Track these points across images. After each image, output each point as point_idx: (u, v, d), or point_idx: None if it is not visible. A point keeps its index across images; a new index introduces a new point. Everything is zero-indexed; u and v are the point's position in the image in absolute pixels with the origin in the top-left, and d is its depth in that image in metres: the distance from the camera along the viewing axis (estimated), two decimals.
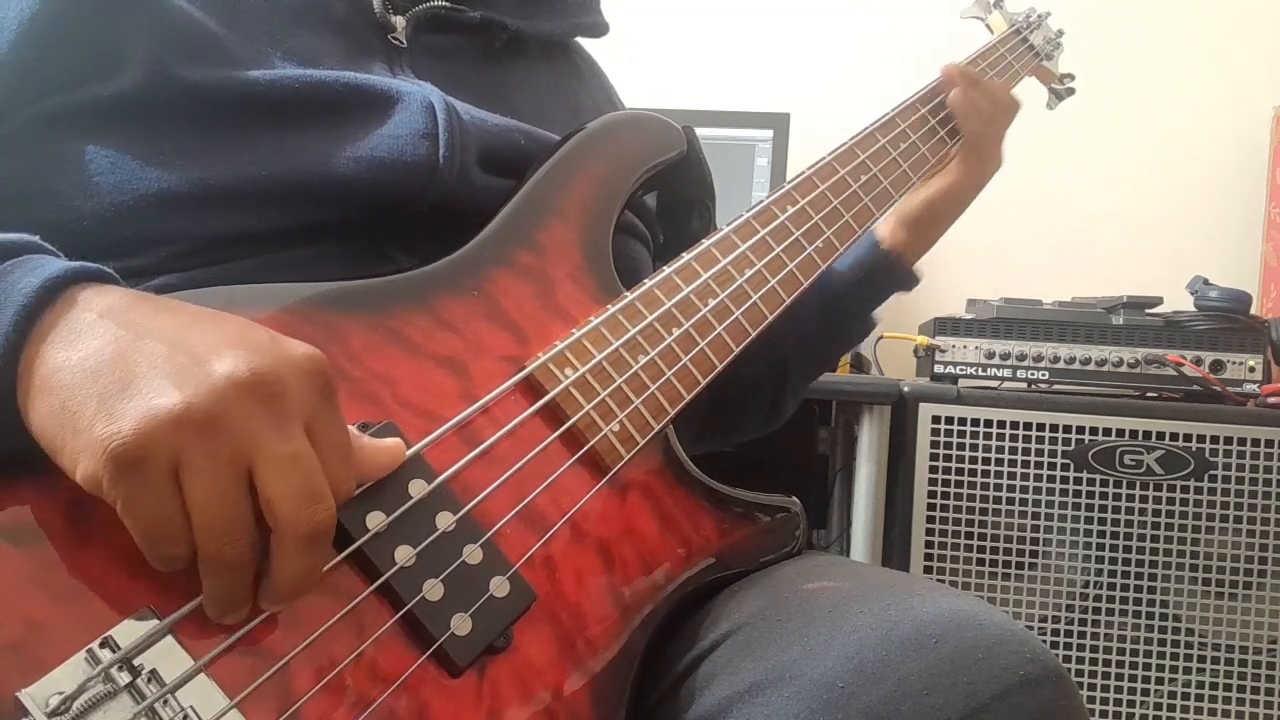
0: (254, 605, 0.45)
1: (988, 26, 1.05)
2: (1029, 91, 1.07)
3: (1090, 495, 1.36)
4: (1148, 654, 1.35)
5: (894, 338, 1.54)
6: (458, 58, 0.76)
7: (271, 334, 0.46)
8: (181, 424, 0.41)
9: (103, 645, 0.42)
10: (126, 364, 0.43)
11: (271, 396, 0.43)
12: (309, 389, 0.45)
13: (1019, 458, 1.37)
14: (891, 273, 0.94)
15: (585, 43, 0.91)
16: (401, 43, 0.73)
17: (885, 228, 0.94)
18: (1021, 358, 1.44)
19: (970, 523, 1.37)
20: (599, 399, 0.60)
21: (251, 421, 0.43)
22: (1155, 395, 1.46)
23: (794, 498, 0.69)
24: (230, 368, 0.43)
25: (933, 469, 1.38)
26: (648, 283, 0.66)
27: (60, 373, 0.43)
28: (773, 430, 0.98)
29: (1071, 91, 1.12)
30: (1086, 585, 1.37)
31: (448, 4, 0.75)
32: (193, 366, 0.43)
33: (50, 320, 0.45)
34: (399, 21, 0.73)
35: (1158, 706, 1.35)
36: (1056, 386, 1.47)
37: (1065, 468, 1.36)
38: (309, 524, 0.43)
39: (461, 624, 0.50)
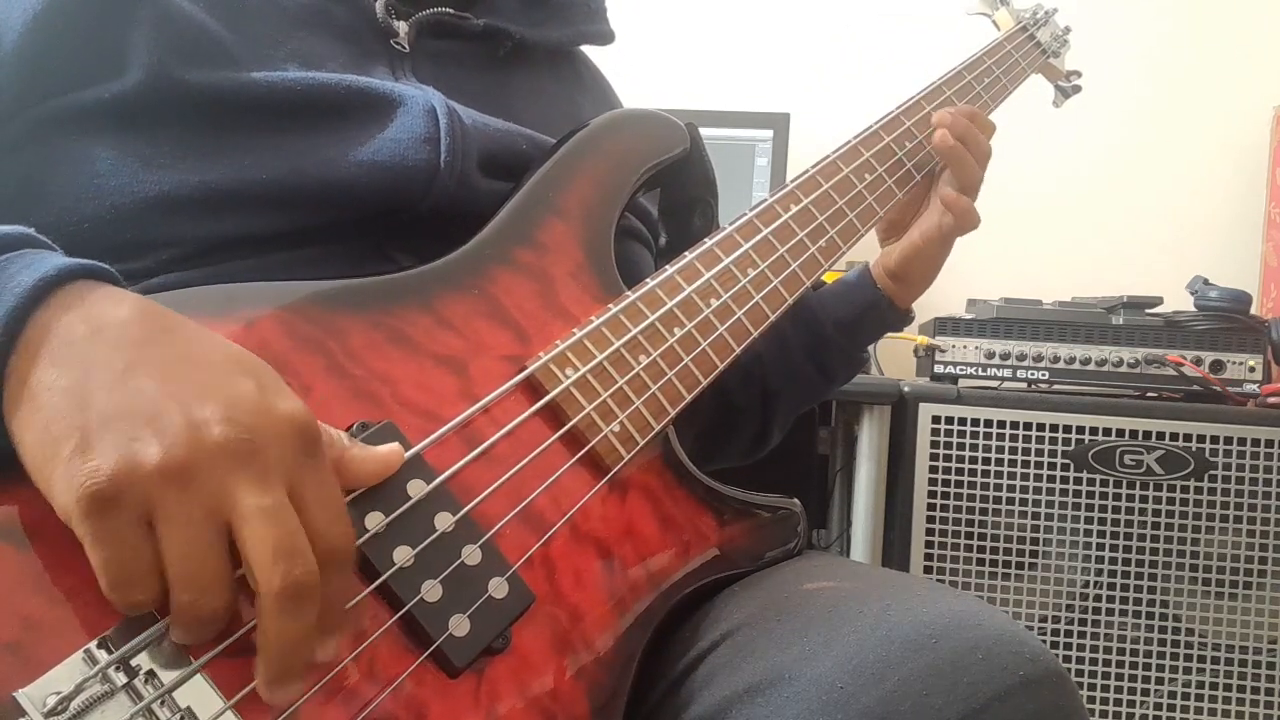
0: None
1: (994, 23, 1.05)
2: (1033, 90, 1.07)
3: (1090, 495, 1.36)
4: (1148, 654, 1.35)
5: (894, 338, 1.54)
6: (460, 64, 0.76)
7: (261, 385, 0.45)
8: (158, 474, 0.41)
9: (100, 645, 0.42)
10: (112, 398, 0.42)
11: (250, 454, 0.42)
12: (290, 448, 0.44)
13: (1019, 458, 1.37)
14: (882, 316, 0.92)
15: (590, 52, 0.91)
16: (404, 48, 0.73)
17: (877, 269, 0.92)
18: (1021, 358, 1.44)
19: (970, 523, 1.37)
20: (600, 399, 0.60)
21: (229, 477, 0.42)
22: (1155, 395, 1.46)
23: (794, 498, 0.69)
24: (213, 422, 0.42)
25: (933, 469, 1.38)
26: (650, 282, 0.66)
27: (49, 392, 0.42)
28: (755, 460, 0.97)
29: (1078, 89, 1.11)
30: (1086, 585, 1.37)
31: (452, 11, 0.75)
32: (177, 414, 0.42)
33: (43, 322, 0.44)
34: (402, 27, 0.73)
35: (1158, 706, 1.35)
36: (1056, 386, 1.47)
37: (1065, 468, 1.36)
38: (285, 579, 0.41)
39: (460, 625, 0.50)
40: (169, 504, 0.41)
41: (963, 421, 1.38)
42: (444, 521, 0.52)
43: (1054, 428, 1.37)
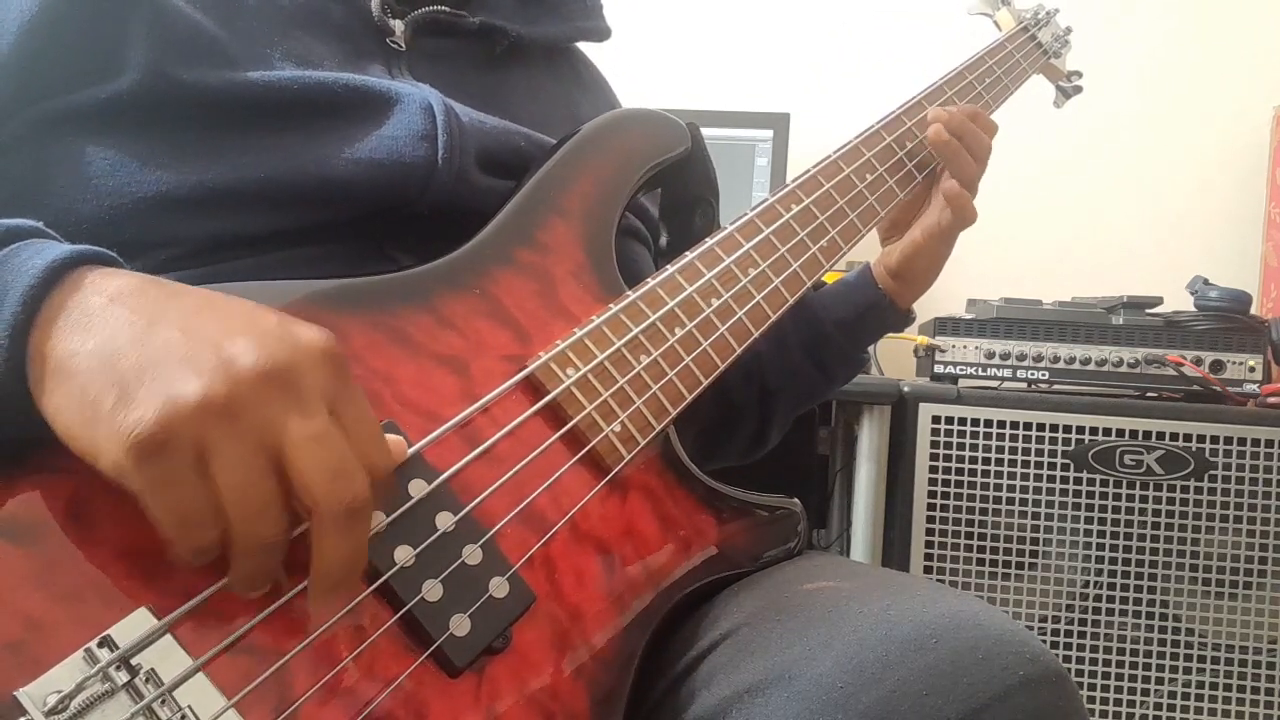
0: (258, 600, 0.45)
1: (995, 23, 1.05)
2: (1034, 90, 1.07)
3: (1090, 495, 1.36)
4: (1148, 654, 1.35)
5: (894, 338, 1.54)
6: (457, 62, 0.76)
7: (280, 317, 0.46)
8: (204, 411, 0.41)
9: (101, 644, 0.42)
10: (142, 349, 0.43)
11: (289, 380, 0.43)
12: (325, 370, 0.45)
13: (1019, 458, 1.37)
14: (883, 316, 0.92)
15: (587, 48, 0.91)
16: (400, 46, 0.73)
17: (878, 269, 0.92)
18: (1021, 358, 1.44)
19: (970, 523, 1.37)
20: (601, 399, 0.60)
21: (273, 405, 0.43)
22: (1155, 395, 1.46)
23: (794, 498, 0.69)
24: (246, 354, 0.43)
25: (933, 469, 1.38)
26: (650, 281, 0.66)
27: (76, 358, 0.43)
28: (754, 460, 0.96)
29: (1079, 89, 1.11)
30: (1086, 585, 1.37)
31: (447, 9, 0.75)
32: (209, 353, 0.43)
33: (58, 302, 0.45)
34: (398, 25, 0.73)
35: (1158, 706, 1.35)
36: (1056, 386, 1.47)
37: (1065, 468, 1.36)
38: (345, 498, 0.43)
39: (460, 624, 0.50)
40: (219, 439, 0.42)
41: (963, 421, 1.38)
42: (445, 521, 0.52)
43: (1054, 428, 1.37)
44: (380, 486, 0.46)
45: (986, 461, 1.37)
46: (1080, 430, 1.36)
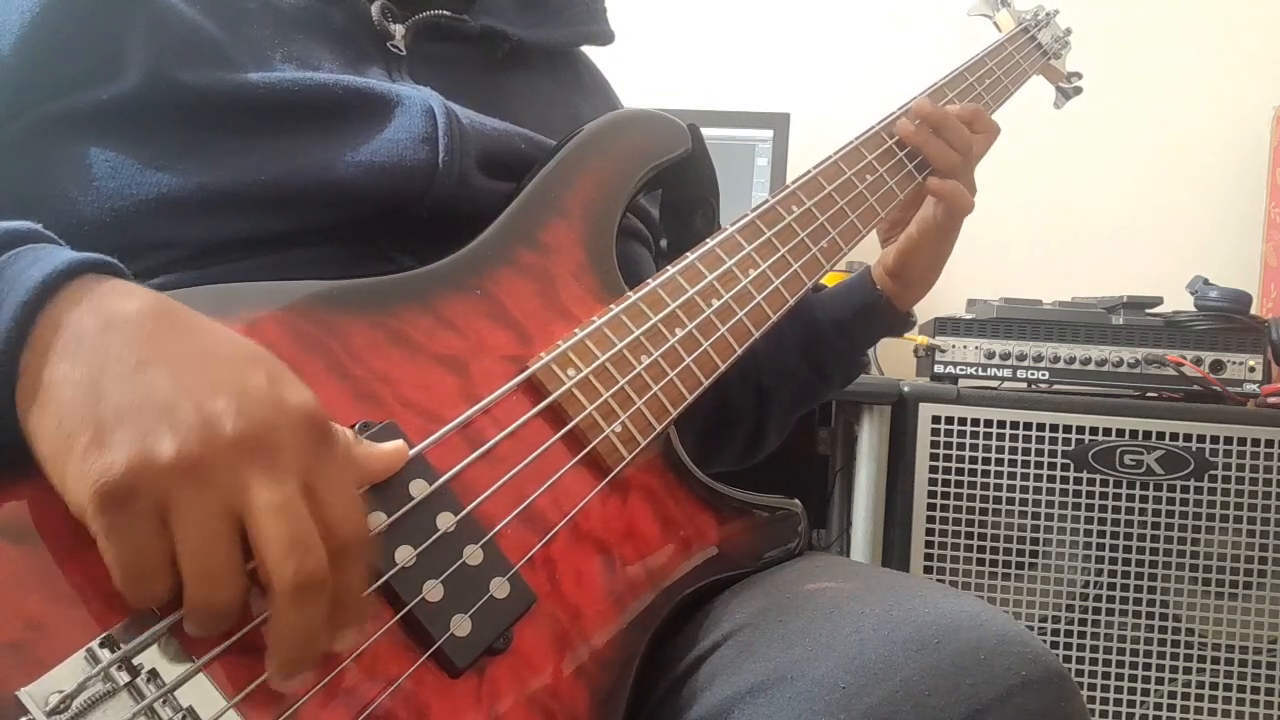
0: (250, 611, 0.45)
1: (995, 24, 1.05)
2: (1034, 91, 1.07)
3: (1090, 495, 1.36)
4: (1148, 654, 1.35)
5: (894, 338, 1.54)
6: (458, 66, 0.76)
7: (271, 378, 0.45)
8: (172, 469, 0.41)
9: (102, 644, 0.42)
10: (125, 393, 0.42)
11: (264, 449, 0.43)
12: (303, 439, 0.44)
13: (1019, 458, 1.37)
14: (881, 317, 0.92)
15: (591, 52, 0.91)
16: (401, 51, 0.73)
17: (877, 269, 0.92)
18: (1021, 358, 1.44)
19: (970, 523, 1.37)
20: (601, 399, 0.60)
21: (243, 471, 0.42)
22: (1155, 395, 1.46)
23: (794, 499, 0.69)
24: (226, 416, 0.42)
25: (933, 469, 1.38)
26: (651, 283, 0.66)
27: (62, 386, 0.43)
28: (753, 463, 0.96)
29: (1079, 90, 1.11)
30: (1086, 585, 1.37)
31: (448, 13, 0.75)
32: (190, 409, 0.42)
33: (52, 318, 0.44)
34: (398, 30, 0.73)
35: (1158, 706, 1.35)
36: (1056, 386, 1.47)
37: (1065, 468, 1.36)
38: (297, 572, 0.42)
39: (461, 625, 0.50)
40: (183, 499, 0.41)
41: (963, 421, 1.38)
42: (446, 521, 0.52)
43: (1054, 428, 1.37)
44: (353, 560, 0.45)
45: (986, 461, 1.37)
46: (1080, 430, 1.36)
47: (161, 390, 0.43)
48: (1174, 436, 1.35)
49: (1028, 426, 1.37)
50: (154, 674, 0.42)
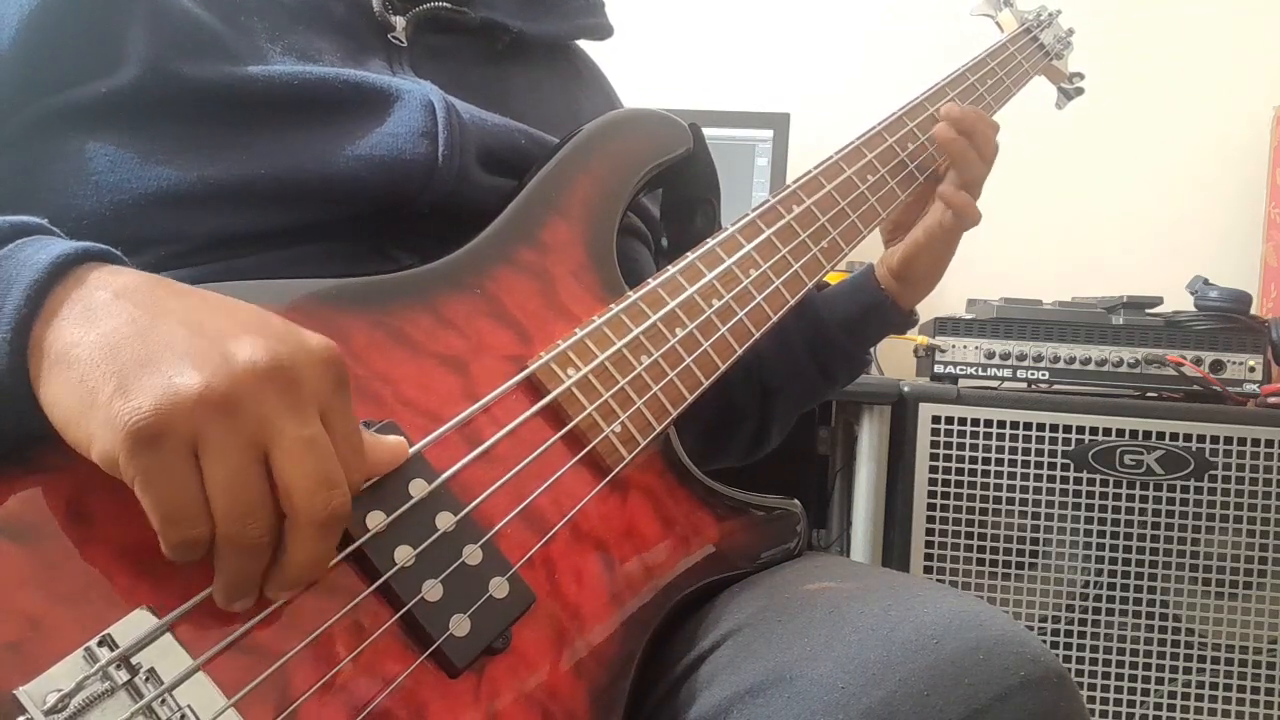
0: (257, 601, 0.45)
1: (998, 24, 1.05)
2: (1035, 91, 1.07)
3: (1090, 495, 1.36)
4: (1148, 654, 1.35)
5: (894, 338, 1.54)
6: (458, 58, 0.76)
7: (287, 322, 0.46)
8: (201, 404, 0.41)
9: (101, 643, 0.42)
10: (145, 342, 0.43)
11: (289, 383, 0.43)
12: (324, 378, 0.45)
13: (1019, 458, 1.37)
14: (885, 317, 0.92)
15: (589, 47, 0.91)
16: (402, 42, 0.73)
17: (881, 269, 0.92)
18: (1021, 358, 1.44)
19: (970, 523, 1.37)
20: (601, 399, 0.60)
21: (269, 406, 0.43)
22: (1155, 395, 1.46)
23: (794, 499, 0.69)
24: (249, 352, 0.43)
25: (933, 469, 1.38)
26: (651, 282, 0.66)
27: (77, 348, 0.43)
28: (755, 460, 0.96)
29: (1081, 91, 1.11)
30: (1086, 585, 1.37)
31: (449, 5, 0.75)
32: (212, 349, 0.43)
33: (61, 296, 0.45)
34: (399, 22, 0.73)
35: (1158, 706, 1.35)
36: (1056, 386, 1.47)
37: (1065, 468, 1.36)
38: (325, 508, 0.43)
39: (460, 625, 0.50)
40: (214, 433, 0.41)
41: (963, 421, 1.38)
42: (445, 521, 0.52)
43: (1054, 428, 1.36)
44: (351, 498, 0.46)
45: (986, 461, 1.37)
46: (1080, 430, 1.36)
47: (180, 337, 0.43)
48: (1174, 436, 1.35)
49: (1028, 426, 1.37)
50: (152, 673, 0.42)
